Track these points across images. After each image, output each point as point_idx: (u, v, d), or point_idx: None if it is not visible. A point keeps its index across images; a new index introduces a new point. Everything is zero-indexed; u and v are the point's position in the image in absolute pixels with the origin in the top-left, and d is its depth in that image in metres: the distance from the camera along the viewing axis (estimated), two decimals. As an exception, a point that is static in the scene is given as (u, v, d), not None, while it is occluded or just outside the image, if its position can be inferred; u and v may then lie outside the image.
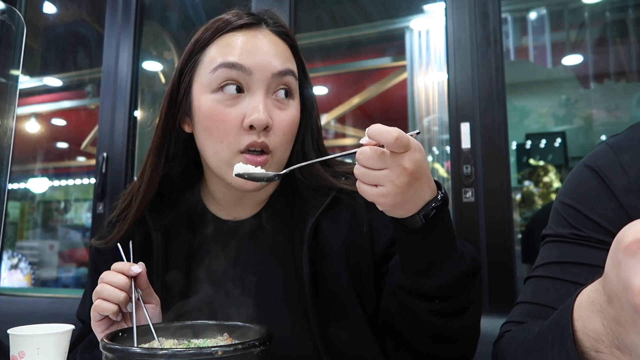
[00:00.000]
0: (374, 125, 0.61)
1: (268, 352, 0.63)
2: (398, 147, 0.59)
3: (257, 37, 0.84)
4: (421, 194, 0.65)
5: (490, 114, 1.89)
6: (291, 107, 0.85)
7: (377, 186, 0.63)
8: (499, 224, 1.82)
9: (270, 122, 0.80)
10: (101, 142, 2.47)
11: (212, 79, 0.81)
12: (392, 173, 0.61)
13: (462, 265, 0.70)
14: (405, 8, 2.77)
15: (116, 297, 0.73)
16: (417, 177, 0.62)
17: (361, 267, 0.86)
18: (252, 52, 0.81)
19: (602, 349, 0.47)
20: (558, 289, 0.72)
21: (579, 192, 0.77)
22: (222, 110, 0.80)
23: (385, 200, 0.63)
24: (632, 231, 0.39)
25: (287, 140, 0.84)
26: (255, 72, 0.80)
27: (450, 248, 0.70)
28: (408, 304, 0.75)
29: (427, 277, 0.70)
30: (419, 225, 0.66)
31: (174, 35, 3.07)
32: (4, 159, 0.85)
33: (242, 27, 0.84)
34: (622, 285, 0.39)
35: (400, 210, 0.65)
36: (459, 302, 0.72)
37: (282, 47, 0.86)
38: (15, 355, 0.69)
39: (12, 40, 0.88)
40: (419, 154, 0.62)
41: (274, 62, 0.82)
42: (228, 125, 0.80)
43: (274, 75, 0.82)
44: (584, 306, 0.49)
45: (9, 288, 3.27)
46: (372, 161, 0.62)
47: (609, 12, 3.14)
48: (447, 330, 0.74)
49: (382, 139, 0.60)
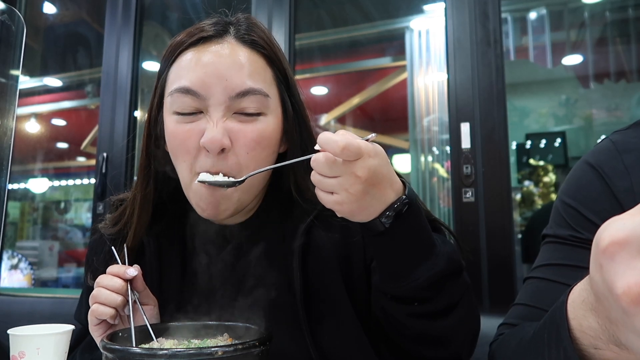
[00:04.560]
0: (323, 133, 0.61)
1: (268, 352, 0.63)
2: (347, 155, 0.59)
3: (217, 52, 0.78)
4: (381, 198, 0.63)
5: (490, 114, 1.89)
6: (258, 123, 0.79)
7: (332, 193, 0.62)
8: (498, 224, 1.82)
9: (227, 143, 0.76)
10: (101, 142, 2.47)
11: (171, 102, 0.79)
12: (345, 181, 0.60)
13: (437, 266, 0.68)
14: (405, 8, 2.77)
15: (113, 301, 0.73)
16: (373, 183, 0.61)
17: (354, 273, 0.85)
18: (206, 74, 0.76)
19: (600, 345, 0.47)
20: (555, 291, 0.71)
21: (579, 191, 0.77)
22: (181, 130, 0.78)
23: (341, 207, 0.63)
24: (607, 234, 0.38)
25: (253, 158, 0.78)
26: (209, 97, 0.76)
27: (422, 249, 0.68)
28: (387, 308, 0.74)
29: (400, 279, 0.68)
30: (382, 229, 0.65)
31: (174, 35, 3.07)
32: (4, 159, 0.85)
33: (202, 41, 0.79)
34: (607, 287, 0.38)
35: (359, 216, 0.64)
36: (440, 304, 0.70)
37: (249, 59, 0.79)
38: (15, 355, 0.69)
39: (12, 40, 0.88)
40: (373, 160, 0.61)
41: (233, 82, 0.76)
42: (187, 145, 0.78)
43: (231, 98, 0.77)
44: (577, 305, 0.49)
45: (9, 288, 3.27)
46: (324, 168, 0.61)
47: (609, 12, 3.14)
48: (432, 331, 0.73)
49: (329, 148, 0.59)
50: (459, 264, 0.72)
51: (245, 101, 0.77)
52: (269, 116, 0.80)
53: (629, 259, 0.37)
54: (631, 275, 0.36)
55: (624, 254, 0.37)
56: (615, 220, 0.39)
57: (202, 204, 0.79)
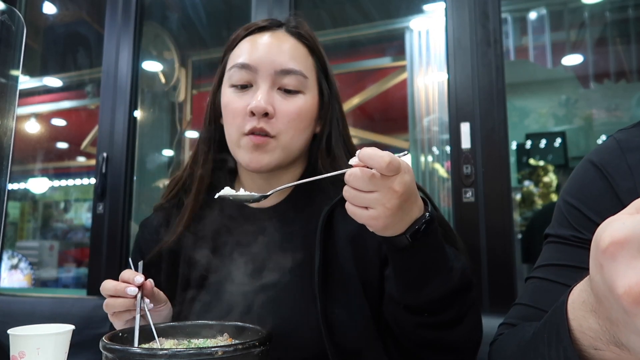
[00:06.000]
0: (365, 148, 0.62)
1: (268, 352, 0.63)
2: (390, 171, 0.60)
3: (270, 38, 0.95)
4: (409, 213, 0.66)
5: (490, 114, 1.88)
6: (298, 99, 0.92)
7: (367, 208, 0.63)
8: (499, 224, 1.82)
9: (270, 110, 0.89)
10: (101, 142, 2.47)
11: (229, 76, 0.95)
12: (382, 196, 0.61)
13: (450, 281, 0.71)
14: (405, 8, 2.77)
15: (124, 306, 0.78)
16: (406, 198, 0.63)
17: (366, 261, 0.88)
18: (259, 52, 0.93)
19: (600, 346, 0.46)
20: (555, 292, 0.71)
21: (582, 191, 0.76)
22: (233, 100, 0.93)
23: (376, 222, 0.64)
24: (607, 234, 0.38)
25: (293, 127, 0.91)
26: (259, 69, 0.91)
27: (438, 264, 0.71)
28: (397, 315, 0.78)
29: (415, 291, 0.71)
30: (406, 243, 0.67)
31: (174, 35, 3.07)
32: (4, 159, 0.85)
33: (259, 30, 0.97)
34: (607, 288, 0.38)
35: (390, 230, 0.66)
36: (449, 316, 0.74)
37: (294, 46, 0.95)
38: (15, 355, 0.69)
39: (12, 40, 0.88)
40: (408, 176, 0.63)
41: (279, 60, 0.92)
42: (236, 112, 0.92)
43: (277, 72, 0.91)
44: (577, 305, 0.49)
45: (9, 288, 3.27)
46: (362, 183, 0.62)
47: (609, 12, 3.14)
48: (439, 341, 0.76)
49: (374, 163, 0.60)
50: (469, 280, 0.76)
51: (287, 79, 0.92)
52: (307, 95, 0.94)
53: (629, 258, 0.36)
54: (632, 275, 0.36)
55: (625, 253, 0.37)
56: (615, 220, 0.39)
57: (247, 159, 0.91)
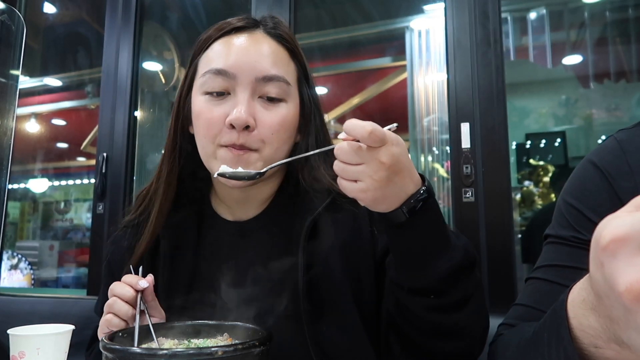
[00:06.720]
0: (349, 120, 0.62)
1: (268, 352, 0.63)
2: (373, 141, 0.60)
3: (247, 40, 0.87)
4: (403, 187, 0.65)
5: (490, 114, 1.88)
6: (280, 109, 0.86)
7: (356, 182, 0.63)
8: (498, 224, 1.82)
9: (252, 122, 0.82)
10: (101, 142, 2.47)
11: (202, 83, 0.86)
12: (369, 168, 0.61)
13: (454, 258, 0.69)
14: (405, 8, 2.76)
15: (125, 314, 0.76)
16: (396, 171, 0.62)
17: (360, 270, 0.86)
18: (238, 55, 0.84)
19: (600, 344, 0.46)
20: (555, 293, 0.70)
21: (582, 191, 0.76)
22: (208, 109, 0.84)
23: (365, 195, 0.64)
24: (607, 231, 0.38)
25: (276, 139, 0.85)
26: (239, 76, 0.83)
27: (440, 241, 0.69)
28: (403, 300, 0.75)
29: (418, 271, 0.70)
30: (403, 219, 0.66)
31: (174, 35, 3.07)
32: (4, 159, 0.86)
33: (235, 30, 0.88)
34: (608, 286, 0.38)
35: (382, 204, 0.65)
36: (455, 296, 0.71)
37: (275, 50, 0.87)
38: (15, 355, 0.69)
39: (12, 40, 0.88)
40: (396, 148, 0.62)
41: (260, 65, 0.84)
42: (212, 123, 0.84)
43: (258, 80, 0.84)
44: (577, 304, 0.49)
45: (9, 288, 3.27)
46: (349, 156, 0.62)
47: (609, 12, 3.14)
48: (447, 324, 0.74)
49: (356, 133, 0.60)
50: (473, 257, 0.73)
51: (269, 86, 0.84)
52: (290, 103, 0.87)
53: (630, 256, 0.36)
54: (633, 272, 0.36)
55: (625, 251, 0.37)
56: (614, 218, 0.39)
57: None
